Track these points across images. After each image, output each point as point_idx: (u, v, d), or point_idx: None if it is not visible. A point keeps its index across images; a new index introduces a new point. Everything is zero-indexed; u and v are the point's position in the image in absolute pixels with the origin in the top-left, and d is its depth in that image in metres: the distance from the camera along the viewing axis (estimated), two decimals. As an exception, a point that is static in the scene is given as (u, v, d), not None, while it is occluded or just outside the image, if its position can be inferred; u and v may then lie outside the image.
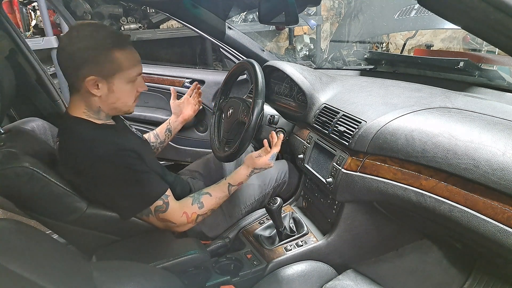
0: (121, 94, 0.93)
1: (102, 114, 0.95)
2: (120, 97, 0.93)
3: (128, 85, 0.93)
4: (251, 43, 1.60)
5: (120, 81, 0.91)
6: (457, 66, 1.16)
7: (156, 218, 0.97)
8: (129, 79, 0.93)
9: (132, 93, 0.96)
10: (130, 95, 0.96)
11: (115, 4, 2.84)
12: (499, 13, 0.44)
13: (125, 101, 0.95)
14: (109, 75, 0.89)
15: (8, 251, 0.53)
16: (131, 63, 0.92)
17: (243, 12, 3.20)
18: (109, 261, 0.86)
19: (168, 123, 1.34)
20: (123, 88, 0.93)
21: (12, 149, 0.86)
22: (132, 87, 0.95)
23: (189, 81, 1.84)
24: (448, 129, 0.80)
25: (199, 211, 1.00)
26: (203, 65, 3.24)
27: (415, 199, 0.82)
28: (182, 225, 0.99)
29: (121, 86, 0.92)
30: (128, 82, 0.93)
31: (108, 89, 0.91)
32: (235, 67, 1.31)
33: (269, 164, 1.08)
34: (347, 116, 1.04)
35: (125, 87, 0.93)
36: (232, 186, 1.07)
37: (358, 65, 1.68)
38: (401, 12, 1.67)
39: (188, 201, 1.01)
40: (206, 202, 1.02)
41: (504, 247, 0.67)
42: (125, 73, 0.91)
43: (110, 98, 0.92)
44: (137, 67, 0.94)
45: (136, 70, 0.94)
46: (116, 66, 0.89)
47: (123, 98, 0.94)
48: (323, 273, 1.06)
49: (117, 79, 0.90)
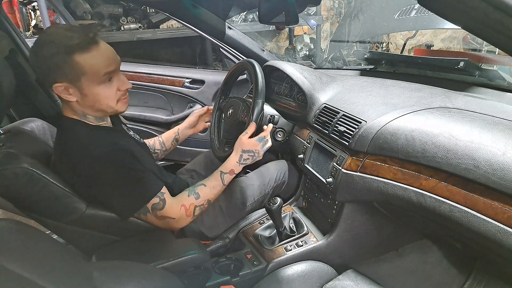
0: (96, 97, 0.89)
1: (90, 117, 0.94)
2: (97, 99, 0.89)
3: (100, 86, 0.88)
4: (251, 43, 1.60)
5: (89, 84, 0.87)
6: (457, 66, 1.16)
7: (154, 217, 0.96)
8: (99, 80, 0.87)
9: (111, 94, 0.91)
10: (109, 96, 0.91)
11: (115, 4, 2.84)
12: (499, 13, 0.44)
13: (105, 102, 0.91)
14: (75, 80, 0.85)
15: (8, 251, 0.53)
16: (96, 65, 0.86)
17: (243, 12, 3.20)
18: (109, 261, 0.86)
19: (177, 132, 1.33)
20: (96, 91, 0.88)
21: (12, 150, 0.86)
22: (108, 87, 0.90)
23: (189, 81, 1.84)
24: (448, 129, 0.80)
25: (196, 201, 1.00)
26: (203, 65, 3.25)
27: (415, 199, 0.82)
28: (182, 219, 0.98)
29: (93, 89, 0.88)
30: (99, 84, 0.88)
31: (80, 94, 0.88)
32: (235, 67, 1.32)
33: (256, 146, 1.08)
34: (347, 116, 1.04)
35: (98, 89, 0.88)
36: (224, 173, 1.06)
37: (358, 65, 1.68)
38: (401, 12, 1.66)
39: (184, 194, 1.01)
40: (202, 192, 1.02)
41: (504, 247, 0.67)
42: (90, 76, 0.86)
43: (87, 102, 0.89)
44: (104, 66, 0.87)
45: (103, 70, 0.87)
46: (78, 71, 0.84)
47: (102, 100, 0.90)
48: (323, 273, 1.06)
49: (85, 83, 0.86)
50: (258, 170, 1.37)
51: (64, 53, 0.82)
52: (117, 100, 0.93)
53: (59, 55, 0.82)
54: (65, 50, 0.82)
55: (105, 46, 0.90)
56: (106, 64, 0.88)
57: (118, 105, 0.94)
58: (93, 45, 0.86)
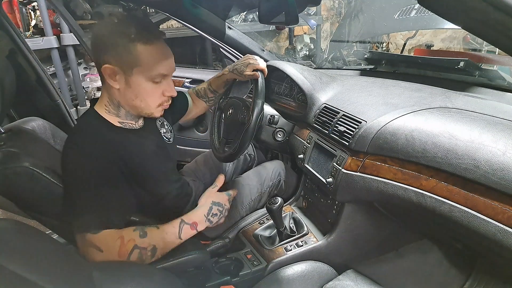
0: (140, 92, 0.88)
1: (122, 111, 0.92)
2: (139, 94, 0.88)
3: (148, 83, 0.87)
4: (251, 43, 1.60)
5: (139, 77, 0.86)
6: (457, 66, 1.16)
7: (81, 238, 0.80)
8: (149, 77, 0.87)
9: (155, 95, 0.90)
10: (152, 96, 0.90)
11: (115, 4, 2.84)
12: (499, 13, 0.44)
13: (146, 101, 0.90)
14: (127, 68, 0.85)
15: (8, 251, 0.52)
16: (153, 60, 0.85)
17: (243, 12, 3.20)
18: (109, 261, 0.86)
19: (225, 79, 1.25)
20: (142, 86, 0.87)
21: (13, 149, 0.86)
22: (154, 88, 0.89)
23: (189, 81, 1.84)
24: (449, 129, 0.80)
25: (138, 239, 0.82)
26: (203, 65, 3.25)
27: (415, 199, 0.82)
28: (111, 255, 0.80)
29: (140, 83, 0.87)
30: (148, 81, 0.87)
31: (125, 83, 0.86)
32: (235, 67, 1.31)
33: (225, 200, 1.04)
34: (347, 116, 1.04)
35: (145, 85, 0.87)
36: (185, 223, 0.93)
37: (358, 65, 1.68)
38: (401, 12, 1.66)
39: (129, 229, 0.85)
40: (151, 234, 0.86)
41: (504, 247, 0.67)
42: (144, 69, 0.85)
43: (128, 93, 0.88)
44: (160, 66, 0.87)
45: (158, 69, 0.87)
46: (134, 60, 0.84)
47: (143, 97, 0.89)
48: (323, 273, 1.06)
49: (136, 74, 0.85)
50: (255, 169, 1.37)
51: (128, 37, 0.82)
52: (158, 104, 0.92)
53: (122, 38, 0.82)
54: (129, 35, 0.82)
55: (168, 49, 0.90)
56: (163, 64, 0.88)
57: (156, 109, 0.93)
58: (160, 41, 0.86)
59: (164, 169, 1.03)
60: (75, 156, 0.85)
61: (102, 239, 0.80)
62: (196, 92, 1.31)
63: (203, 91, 1.30)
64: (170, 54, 0.91)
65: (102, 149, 0.86)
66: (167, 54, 0.90)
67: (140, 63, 0.84)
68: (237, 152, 1.10)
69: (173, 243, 0.90)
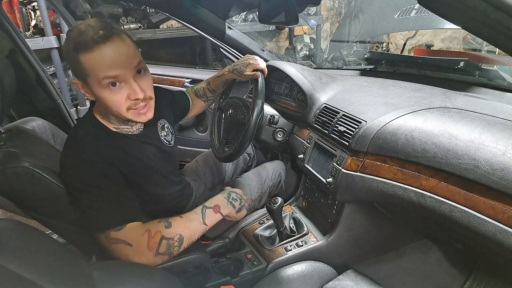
0: (103, 101, 0.84)
1: (112, 118, 0.90)
2: (104, 103, 0.84)
3: (104, 90, 0.82)
4: (251, 43, 1.60)
5: (93, 86, 0.82)
6: (458, 66, 1.16)
7: (105, 237, 0.81)
8: (100, 83, 0.80)
9: (117, 100, 0.83)
10: (116, 103, 0.83)
11: (115, 4, 2.84)
12: (499, 13, 0.44)
13: (113, 108, 0.84)
14: (82, 80, 0.83)
15: (8, 251, 0.53)
16: (96, 65, 0.79)
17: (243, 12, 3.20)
18: (109, 261, 0.86)
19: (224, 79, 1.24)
20: (101, 94, 0.82)
21: (13, 149, 0.86)
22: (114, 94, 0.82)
23: (189, 81, 1.84)
24: (449, 129, 0.80)
25: (164, 230, 0.84)
26: (203, 65, 3.25)
27: (415, 199, 0.82)
28: (141, 250, 0.81)
29: (97, 91, 0.82)
30: (103, 88, 0.81)
31: (92, 94, 0.84)
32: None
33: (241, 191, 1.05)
34: (347, 116, 1.04)
35: (102, 92, 0.82)
36: (206, 208, 0.94)
37: (358, 65, 1.68)
38: (401, 12, 1.66)
39: (154, 221, 0.87)
40: (175, 223, 0.87)
41: (504, 247, 0.67)
42: (92, 76, 0.80)
43: (100, 103, 0.86)
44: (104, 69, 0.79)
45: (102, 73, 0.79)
46: (82, 70, 0.80)
47: (109, 105, 0.84)
48: (323, 273, 1.06)
49: (90, 84, 0.82)
50: (255, 170, 1.37)
51: (73, 50, 0.79)
52: (127, 108, 0.85)
53: (70, 51, 0.80)
54: (74, 47, 0.79)
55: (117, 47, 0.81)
56: (106, 67, 0.79)
57: (129, 114, 0.86)
58: (99, 44, 0.78)
59: (164, 172, 1.02)
60: (74, 163, 0.85)
61: (128, 233, 0.81)
62: (195, 91, 1.31)
63: (202, 90, 1.30)
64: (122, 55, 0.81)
65: (101, 155, 0.85)
66: (116, 55, 0.80)
67: (87, 72, 0.80)
68: (237, 152, 1.10)
69: (199, 230, 0.90)
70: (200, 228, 0.91)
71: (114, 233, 0.81)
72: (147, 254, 0.82)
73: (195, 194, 1.21)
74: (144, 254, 0.82)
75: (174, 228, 0.86)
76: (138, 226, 0.83)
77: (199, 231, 0.91)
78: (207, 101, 1.32)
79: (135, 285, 0.68)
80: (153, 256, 0.82)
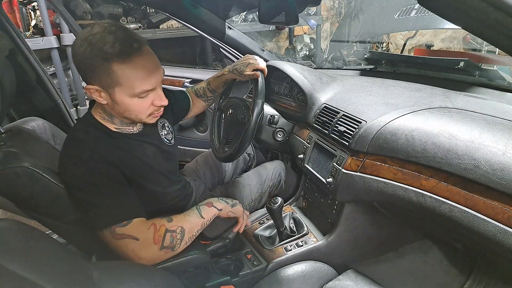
0: (127, 107, 0.84)
1: (116, 120, 0.90)
2: (126, 109, 0.85)
3: (133, 99, 0.83)
4: (251, 43, 1.60)
5: (122, 95, 0.81)
6: (458, 66, 1.16)
7: (110, 234, 0.82)
8: (133, 95, 0.82)
9: (142, 107, 0.86)
10: (141, 109, 0.86)
11: (115, 4, 2.84)
12: (499, 13, 0.44)
13: (135, 114, 0.86)
14: (108, 87, 0.81)
15: (8, 251, 0.52)
16: (133, 78, 0.79)
17: (243, 12, 3.20)
18: (109, 261, 0.86)
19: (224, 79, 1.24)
20: (128, 102, 0.83)
21: (13, 149, 0.86)
22: (141, 102, 0.84)
23: (189, 81, 1.84)
24: (449, 129, 0.80)
25: (167, 224, 0.88)
26: (203, 65, 3.25)
27: (415, 199, 0.82)
28: (148, 244, 0.83)
29: (124, 100, 0.82)
30: (132, 97, 0.82)
31: (111, 100, 0.83)
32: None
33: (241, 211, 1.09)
34: (347, 116, 1.04)
35: (130, 101, 0.83)
36: (200, 205, 0.98)
37: (358, 65, 1.68)
38: (401, 12, 1.66)
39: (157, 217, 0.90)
40: (176, 218, 0.91)
41: (504, 247, 0.67)
42: (124, 88, 0.80)
43: (116, 108, 0.85)
44: (142, 84, 0.81)
45: (140, 87, 0.81)
46: (113, 80, 0.79)
47: (132, 112, 0.85)
48: (323, 273, 1.06)
49: (118, 92, 0.81)
50: (255, 170, 1.37)
51: (102, 58, 0.76)
52: (149, 114, 0.88)
53: (96, 58, 0.76)
54: (103, 55, 0.76)
55: (149, 58, 0.81)
56: (145, 80, 0.81)
57: (148, 118, 0.89)
58: (135, 56, 0.78)
59: (164, 171, 1.02)
60: (75, 163, 0.85)
61: (135, 228, 0.83)
62: (195, 91, 1.31)
63: (202, 90, 1.30)
64: (154, 67, 0.83)
65: (101, 155, 0.85)
66: (150, 68, 0.81)
67: (120, 83, 0.79)
68: (237, 152, 1.10)
69: (197, 223, 0.94)
70: (198, 221, 0.94)
71: (120, 228, 0.82)
72: (153, 247, 0.84)
73: (195, 194, 1.21)
74: (150, 247, 0.84)
75: (175, 222, 0.90)
76: (144, 221, 0.86)
77: (198, 224, 0.94)
78: (207, 101, 1.32)
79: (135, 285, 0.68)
80: (158, 249, 0.84)
